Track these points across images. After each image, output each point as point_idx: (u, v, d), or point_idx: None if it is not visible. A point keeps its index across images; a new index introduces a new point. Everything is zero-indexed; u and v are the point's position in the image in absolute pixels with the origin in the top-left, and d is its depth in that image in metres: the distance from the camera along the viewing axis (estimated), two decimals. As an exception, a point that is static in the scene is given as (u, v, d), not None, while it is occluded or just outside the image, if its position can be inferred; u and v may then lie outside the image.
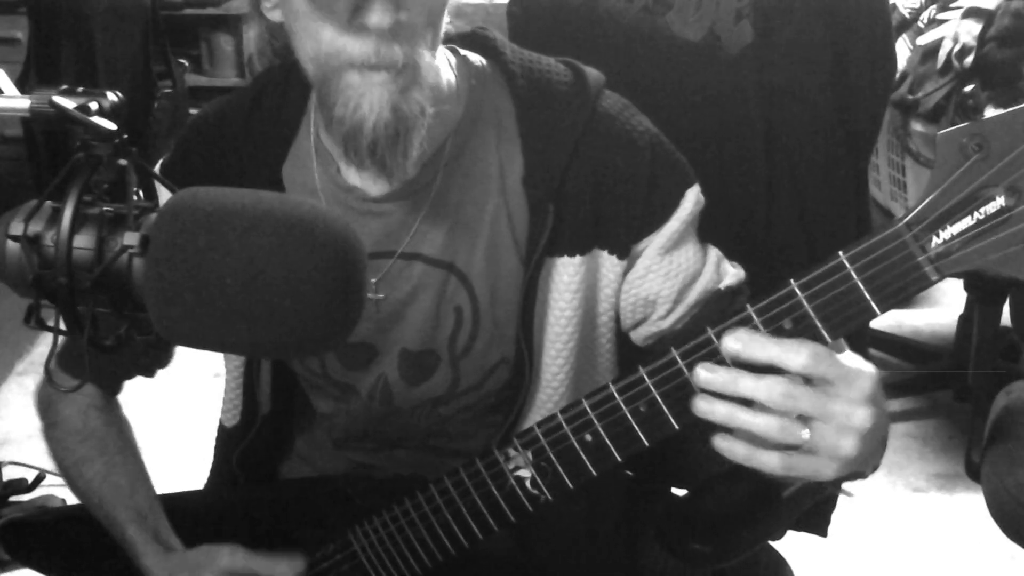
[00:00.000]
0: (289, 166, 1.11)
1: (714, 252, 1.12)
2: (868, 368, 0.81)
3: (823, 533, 1.38)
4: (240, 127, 1.13)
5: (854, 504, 2.28)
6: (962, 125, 0.75)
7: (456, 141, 1.07)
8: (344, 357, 1.14)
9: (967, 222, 0.76)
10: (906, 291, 0.78)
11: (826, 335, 0.80)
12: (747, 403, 0.81)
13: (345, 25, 0.92)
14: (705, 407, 0.82)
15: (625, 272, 1.09)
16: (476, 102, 1.08)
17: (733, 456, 0.83)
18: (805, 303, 0.80)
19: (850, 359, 0.81)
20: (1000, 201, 0.75)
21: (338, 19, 0.92)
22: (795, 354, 0.79)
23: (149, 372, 1.22)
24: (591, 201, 1.06)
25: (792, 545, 1.29)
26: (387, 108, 0.95)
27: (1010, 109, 0.74)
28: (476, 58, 1.11)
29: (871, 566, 2.19)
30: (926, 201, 0.77)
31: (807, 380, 0.80)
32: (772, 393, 0.79)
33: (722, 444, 0.83)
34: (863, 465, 0.86)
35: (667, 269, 1.08)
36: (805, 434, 0.80)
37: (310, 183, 1.10)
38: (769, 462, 0.81)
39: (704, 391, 0.82)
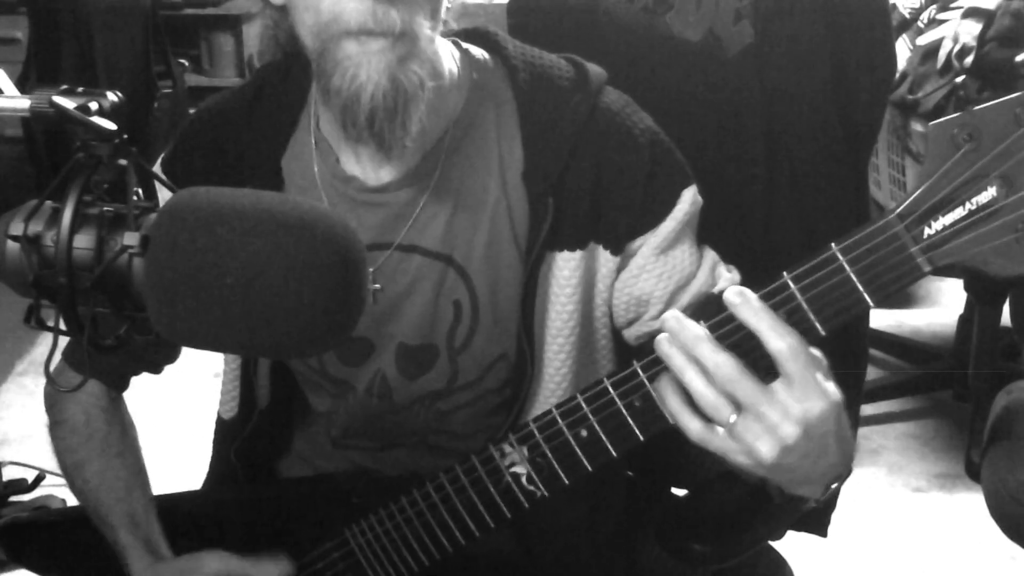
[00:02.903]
0: (288, 158, 1.12)
1: (710, 256, 1.12)
2: (833, 398, 0.81)
3: (823, 533, 1.38)
4: (240, 121, 1.13)
5: (854, 504, 2.28)
6: (953, 116, 0.75)
7: (456, 132, 1.07)
8: (342, 353, 1.14)
9: (959, 212, 0.76)
10: (899, 282, 0.78)
11: (819, 327, 0.80)
12: None
13: None
14: (666, 349, 0.83)
15: (618, 269, 1.09)
16: (478, 95, 1.08)
17: (663, 404, 0.85)
18: (798, 295, 0.80)
19: (821, 380, 0.81)
20: (991, 191, 0.75)
21: None
22: (778, 337, 0.79)
23: (156, 368, 1.22)
24: (590, 196, 1.06)
25: (792, 545, 1.29)
26: (384, 76, 0.95)
27: (1000, 100, 0.74)
28: (479, 52, 1.11)
29: (871, 566, 2.19)
30: (918, 192, 0.77)
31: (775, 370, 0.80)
32: (719, 369, 0.80)
33: (664, 389, 0.85)
34: (791, 480, 0.87)
35: (661, 270, 1.08)
36: (731, 418, 0.81)
37: (309, 175, 1.10)
38: (689, 425, 0.83)
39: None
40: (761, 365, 0.81)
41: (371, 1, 0.92)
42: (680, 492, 1.35)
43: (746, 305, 0.80)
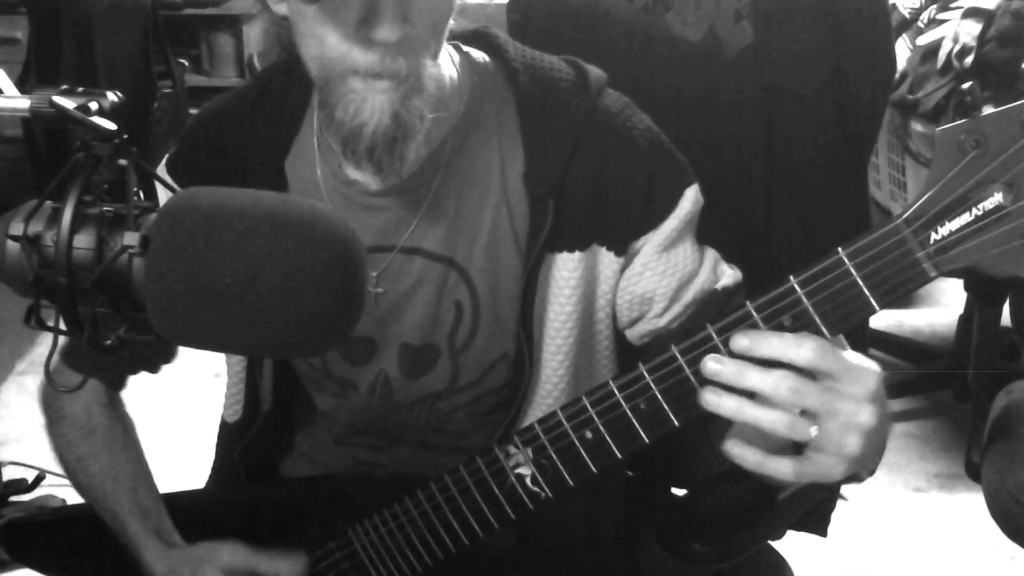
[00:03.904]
0: (292, 160, 1.12)
1: (711, 253, 1.12)
2: (872, 365, 0.82)
3: (823, 533, 1.38)
4: (244, 122, 1.13)
5: (854, 504, 2.28)
6: (960, 122, 0.75)
7: (457, 137, 1.07)
8: (345, 352, 1.14)
9: (965, 218, 0.76)
10: (905, 287, 0.78)
11: (825, 332, 0.80)
12: (753, 398, 0.81)
13: (352, 34, 0.92)
14: (713, 400, 0.82)
15: (622, 269, 1.09)
16: (478, 99, 1.08)
17: (744, 463, 0.83)
18: (804, 300, 0.80)
19: (854, 356, 0.81)
20: (998, 197, 0.75)
21: (345, 28, 0.92)
22: (800, 348, 0.79)
23: (153, 368, 1.22)
24: (591, 198, 1.06)
25: (792, 545, 1.29)
26: (387, 115, 0.95)
27: (1008, 106, 0.74)
28: (479, 55, 1.11)
29: (871, 566, 2.19)
30: (925, 197, 0.77)
31: (811, 375, 0.80)
32: (780, 387, 0.79)
33: (734, 450, 0.83)
34: (863, 466, 0.86)
35: (664, 267, 1.08)
36: (813, 431, 0.80)
37: (312, 177, 1.10)
38: (781, 468, 0.82)
39: (711, 384, 0.82)
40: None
41: (380, 51, 0.93)
42: (680, 492, 1.35)
43: (757, 341, 0.80)
